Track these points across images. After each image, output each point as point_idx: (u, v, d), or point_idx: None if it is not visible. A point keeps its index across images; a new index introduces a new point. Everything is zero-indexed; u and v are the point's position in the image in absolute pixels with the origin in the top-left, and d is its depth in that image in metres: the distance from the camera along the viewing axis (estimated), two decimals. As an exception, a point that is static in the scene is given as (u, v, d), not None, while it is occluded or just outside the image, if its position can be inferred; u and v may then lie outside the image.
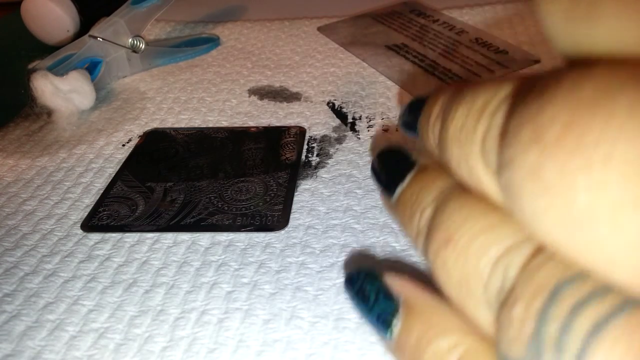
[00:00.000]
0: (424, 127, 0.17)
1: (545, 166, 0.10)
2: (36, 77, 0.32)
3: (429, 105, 0.16)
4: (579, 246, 0.10)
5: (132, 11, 0.38)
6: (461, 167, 0.14)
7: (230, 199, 0.26)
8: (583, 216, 0.09)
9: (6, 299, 0.22)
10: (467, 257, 0.13)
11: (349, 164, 0.28)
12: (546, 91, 0.10)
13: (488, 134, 0.12)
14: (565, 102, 0.10)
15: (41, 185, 0.28)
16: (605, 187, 0.09)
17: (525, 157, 0.10)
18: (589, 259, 0.10)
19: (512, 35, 0.39)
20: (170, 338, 0.19)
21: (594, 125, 0.09)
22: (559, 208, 0.10)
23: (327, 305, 0.20)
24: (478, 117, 0.13)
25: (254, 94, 0.36)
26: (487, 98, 0.13)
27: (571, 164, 0.09)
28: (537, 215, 0.10)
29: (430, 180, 0.16)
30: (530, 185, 0.10)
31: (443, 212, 0.15)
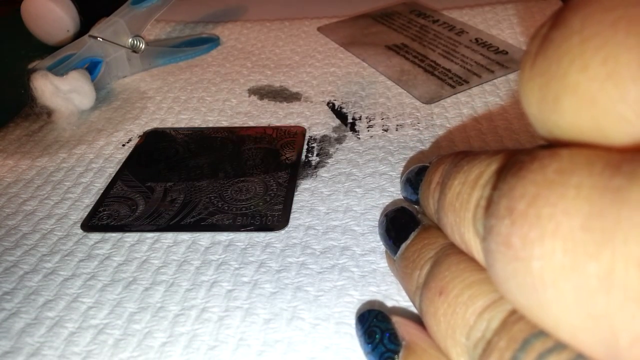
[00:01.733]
0: (424, 193, 0.18)
1: (514, 236, 0.11)
2: (36, 77, 0.33)
3: (430, 174, 0.18)
4: (534, 308, 0.11)
5: (132, 11, 0.38)
6: (454, 232, 0.15)
7: (230, 198, 0.26)
8: (536, 281, 0.10)
9: (6, 297, 0.22)
10: (456, 307, 0.14)
11: (349, 163, 0.28)
12: (521, 169, 0.11)
13: (479, 203, 0.14)
14: (533, 180, 0.11)
15: (41, 185, 0.28)
16: (552, 255, 0.10)
17: (500, 226, 0.11)
18: (541, 320, 0.11)
19: (512, 36, 0.39)
20: (169, 334, 0.19)
21: (550, 201, 0.10)
22: (520, 274, 0.11)
23: (328, 307, 0.20)
24: (472, 187, 0.14)
25: (254, 94, 0.36)
26: (482, 169, 0.14)
27: (531, 234, 0.11)
28: (506, 280, 0.12)
29: (432, 239, 0.18)
30: (503, 252, 0.11)
31: (440, 265, 0.16)
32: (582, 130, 0.11)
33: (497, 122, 0.30)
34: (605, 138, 0.11)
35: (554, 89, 0.11)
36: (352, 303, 0.20)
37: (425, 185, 0.18)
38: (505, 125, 0.30)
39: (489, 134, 0.29)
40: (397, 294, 0.20)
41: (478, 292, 0.14)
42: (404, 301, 0.20)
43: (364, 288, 0.21)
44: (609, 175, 0.10)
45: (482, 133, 0.29)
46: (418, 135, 0.30)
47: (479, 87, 0.34)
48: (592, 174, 0.10)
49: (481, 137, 0.29)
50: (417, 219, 0.19)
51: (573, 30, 0.11)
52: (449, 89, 0.34)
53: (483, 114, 0.31)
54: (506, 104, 0.32)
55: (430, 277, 0.16)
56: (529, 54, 0.12)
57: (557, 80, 0.11)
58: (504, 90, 0.33)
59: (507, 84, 0.34)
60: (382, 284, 0.21)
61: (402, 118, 0.31)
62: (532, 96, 0.12)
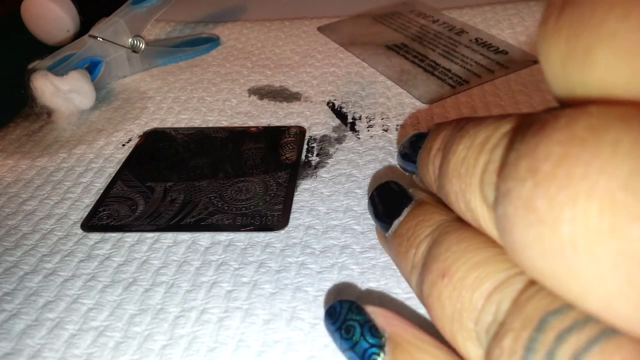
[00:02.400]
0: (424, 160, 0.17)
1: (538, 198, 0.10)
2: (36, 77, 0.32)
3: (430, 139, 0.17)
4: (559, 276, 0.10)
5: (132, 11, 0.38)
6: (459, 199, 0.14)
7: (230, 198, 0.26)
8: (565, 246, 0.10)
9: (6, 298, 0.22)
10: (462, 291, 0.14)
11: (349, 163, 0.28)
12: (544, 127, 0.11)
13: (487, 168, 0.13)
14: (560, 138, 0.10)
15: (41, 185, 0.28)
16: (586, 218, 0.09)
17: (520, 189, 0.11)
18: (567, 289, 0.10)
19: (512, 36, 0.39)
20: (170, 336, 0.19)
21: (582, 160, 0.10)
22: (545, 238, 0.10)
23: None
24: (479, 151, 0.13)
25: (254, 94, 0.36)
26: (489, 133, 0.13)
27: (560, 196, 0.10)
28: (526, 246, 0.11)
29: (427, 215, 0.17)
30: (523, 215, 0.11)
31: (440, 245, 0.15)
32: (616, 85, 0.10)
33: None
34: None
35: (585, 41, 0.10)
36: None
37: (425, 152, 0.17)
38: (505, 126, 0.30)
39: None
40: (397, 287, 0.20)
41: (484, 273, 0.13)
42: (403, 294, 0.20)
43: (364, 285, 0.21)
44: None
45: (482, 133, 0.29)
46: (418, 136, 0.29)
47: (479, 87, 0.34)
48: (631, 129, 0.09)
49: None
50: (409, 193, 0.19)
51: None
52: (449, 89, 0.34)
53: (483, 114, 0.31)
54: (506, 104, 0.32)
55: (430, 258, 0.15)
56: (553, 6, 0.11)
57: (590, 30, 0.10)
58: (504, 90, 0.33)
59: (507, 84, 0.34)
60: (381, 278, 0.21)
61: (402, 118, 0.31)
62: (556, 50, 0.11)
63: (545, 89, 0.32)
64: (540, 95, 0.32)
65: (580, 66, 0.11)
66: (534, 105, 0.31)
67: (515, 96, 0.32)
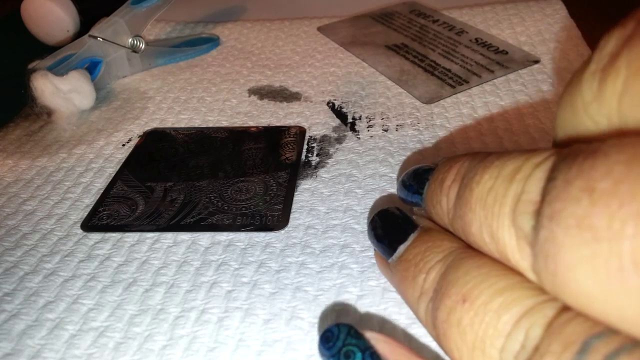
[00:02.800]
0: (434, 191, 0.17)
1: (595, 215, 0.10)
2: (36, 77, 0.32)
3: (443, 171, 0.17)
4: (611, 296, 0.10)
5: (132, 11, 0.38)
6: (482, 229, 0.14)
7: (230, 198, 0.26)
8: (624, 263, 0.10)
9: (6, 298, 0.22)
10: (485, 316, 0.13)
11: (349, 163, 0.28)
12: (596, 152, 0.11)
13: (521, 197, 0.13)
14: (620, 159, 0.10)
15: (41, 185, 0.28)
16: None
17: (574, 208, 0.11)
18: (617, 310, 0.10)
19: (512, 36, 0.39)
20: (170, 337, 0.19)
21: None
22: (602, 256, 0.10)
23: (327, 306, 0.20)
24: (509, 180, 0.13)
25: (254, 94, 0.36)
26: (518, 164, 0.13)
27: (622, 212, 0.10)
28: (575, 267, 0.11)
29: (436, 241, 0.17)
30: (576, 235, 0.11)
31: (457, 270, 0.15)
32: None
33: (497, 123, 0.30)
34: None
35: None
36: (351, 300, 0.20)
37: (436, 183, 0.17)
38: (505, 126, 0.30)
39: (488, 135, 0.29)
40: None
41: (511, 299, 0.13)
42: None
43: (363, 283, 0.21)
44: None
45: (481, 134, 0.29)
46: (418, 136, 0.30)
47: (479, 87, 0.34)
48: None
49: (481, 138, 0.29)
50: (414, 220, 0.18)
51: None
52: (449, 89, 0.34)
53: (483, 114, 0.31)
54: (506, 104, 0.32)
55: (446, 283, 0.15)
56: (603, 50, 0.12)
57: None
58: (504, 90, 0.33)
59: (507, 84, 0.34)
60: (381, 277, 0.21)
61: (402, 118, 0.31)
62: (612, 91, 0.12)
63: (546, 89, 0.32)
64: (540, 95, 0.32)
65: (638, 104, 0.11)
66: (534, 105, 0.31)
67: (515, 96, 0.32)
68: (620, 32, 0.12)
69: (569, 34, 0.38)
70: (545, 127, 0.29)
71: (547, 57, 0.36)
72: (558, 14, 0.41)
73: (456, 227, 0.16)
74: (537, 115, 0.30)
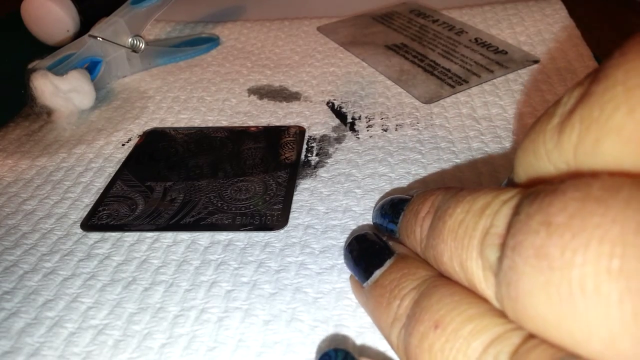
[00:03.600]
0: (409, 221, 0.18)
1: (550, 246, 0.11)
2: (36, 76, 0.33)
3: (417, 203, 0.18)
4: (564, 320, 0.11)
5: (132, 11, 0.38)
6: (453, 259, 0.15)
7: (230, 198, 0.26)
8: (573, 289, 0.11)
9: (5, 297, 0.22)
10: (456, 342, 0.14)
11: (348, 163, 0.28)
12: (556, 191, 0.12)
13: (489, 231, 0.14)
14: (575, 196, 0.11)
15: (41, 184, 0.29)
16: (597, 261, 0.10)
17: (533, 239, 0.12)
18: (571, 333, 0.11)
19: (512, 36, 0.39)
20: (169, 335, 0.19)
21: (597, 213, 0.11)
22: (554, 283, 0.11)
23: (327, 309, 0.20)
24: (479, 215, 0.14)
25: (254, 94, 0.36)
26: (488, 200, 0.14)
27: (573, 243, 0.11)
28: (532, 293, 0.12)
29: (412, 268, 0.17)
30: (533, 264, 0.12)
31: (431, 297, 0.15)
32: (623, 166, 0.12)
33: (497, 122, 0.30)
34: None
35: (594, 133, 0.12)
36: (351, 306, 0.20)
37: (411, 214, 0.18)
38: (505, 126, 0.30)
39: (488, 134, 0.29)
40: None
41: (481, 326, 0.13)
42: None
43: None
44: None
45: (481, 133, 0.29)
46: (417, 135, 0.30)
47: (479, 86, 0.34)
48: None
49: (480, 137, 0.29)
50: (390, 246, 0.19)
51: (617, 82, 0.12)
52: (448, 89, 0.34)
53: (482, 113, 0.31)
54: (505, 104, 0.32)
55: (419, 309, 0.15)
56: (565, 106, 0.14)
57: (600, 124, 0.12)
58: (503, 90, 0.33)
59: (506, 83, 0.34)
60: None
61: (402, 118, 0.31)
62: (568, 140, 0.13)
63: (545, 88, 0.32)
64: (540, 95, 0.32)
65: (590, 154, 0.13)
66: (533, 105, 0.31)
67: (515, 96, 0.32)
68: (578, 90, 0.14)
69: (568, 34, 0.38)
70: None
71: (547, 57, 0.36)
72: (558, 14, 0.41)
73: (428, 256, 0.17)
74: (536, 114, 0.30)
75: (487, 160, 0.27)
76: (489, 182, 0.25)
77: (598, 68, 0.13)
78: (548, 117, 0.14)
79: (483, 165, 0.27)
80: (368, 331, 0.19)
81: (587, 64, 0.34)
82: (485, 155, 0.27)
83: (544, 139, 0.14)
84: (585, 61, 0.35)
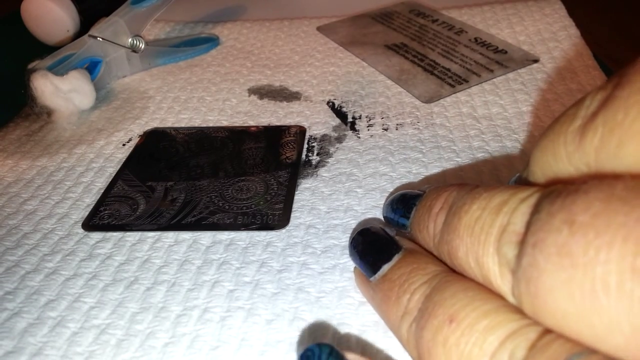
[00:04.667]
0: (422, 216, 0.18)
1: (573, 244, 0.11)
2: (36, 77, 0.33)
3: (431, 199, 0.18)
4: (585, 316, 0.11)
5: (132, 11, 0.38)
6: (468, 255, 0.15)
7: (231, 198, 0.26)
8: (596, 286, 0.11)
9: (7, 297, 0.22)
10: (471, 337, 0.14)
11: (349, 162, 0.28)
12: (577, 191, 0.12)
13: (507, 228, 0.14)
14: (599, 196, 0.12)
15: (42, 185, 0.28)
16: (620, 259, 0.11)
17: (555, 237, 0.12)
18: (590, 329, 0.11)
19: (511, 35, 0.39)
20: (172, 334, 0.19)
21: (621, 212, 0.11)
22: (577, 280, 0.11)
23: (329, 308, 0.20)
24: (496, 212, 0.14)
25: (254, 94, 0.36)
26: (505, 198, 0.15)
27: (597, 241, 0.11)
28: (554, 290, 0.12)
29: (421, 263, 0.17)
30: (555, 261, 0.12)
31: (444, 292, 0.15)
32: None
33: (497, 121, 0.30)
34: None
35: (617, 136, 0.13)
36: (353, 305, 0.20)
37: (424, 209, 0.18)
38: (505, 125, 0.30)
39: (488, 133, 0.29)
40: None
41: (496, 321, 0.13)
42: None
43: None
44: None
45: (481, 132, 0.29)
46: (418, 135, 0.30)
47: (479, 86, 0.34)
48: None
49: (480, 136, 0.29)
50: (397, 240, 0.19)
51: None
52: (448, 88, 0.34)
53: (482, 113, 0.31)
54: (505, 103, 0.32)
55: (432, 304, 0.15)
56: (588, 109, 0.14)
57: (623, 128, 0.12)
58: (504, 89, 0.33)
59: (506, 83, 0.34)
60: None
61: (402, 117, 0.31)
62: (590, 143, 0.13)
63: (545, 87, 0.33)
64: (539, 94, 0.32)
65: (612, 157, 0.13)
66: (533, 104, 0.31)
67: (515, 95, 0.32)
68: (601, 93, 0.14)
69: (568, 34, 0.38)
70: (544, 126, 0.29)
71: (546, 57, 0.36)
72: (557, 14, 0.41)
73: (441, 251, 0.17)
74: (536, 113, 0.30)
75: (488, 159, 0.27)
76: (490, 180, 0.25)
77: (621, 72, 0.13)
78: (569, 119, 0.15)
79: (484, 164, 0.27)
80: (370, 329, 0.19)
81: (587, 63, 0.34)
82: (486, 154, 0.27)
83: (564, 141, 0.15)
84: (584, 60, 0.35)
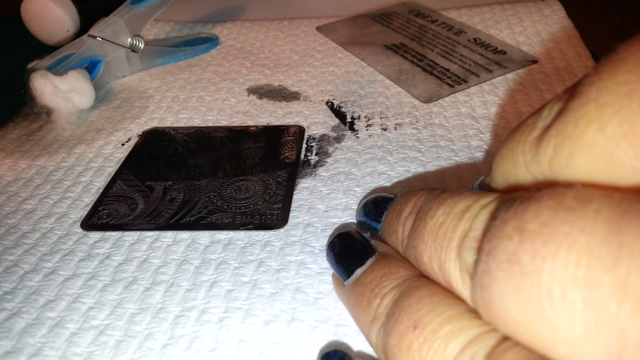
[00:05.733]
0: (392, 220, 0.19)
1: (522, 252, 0.12)
2: (36, 76, 0.33)
3: (401, 203, 0.18)
4: (533, 324, 0.11)
5: (131, 11, 0.38)
6: (432, 260, 0.15)
7: (230, 197, 0.26)
8: (542, 294, 0.11)
9: (6, 297, 0.22)
10: (434, 343, 0.14)
11: (348, 162, 0.28)
12: (531, 198, 0.12)
13: (468, 234, 0.14)
14: (549, 205, 0.12)
15: (41, 184, 0.29)
16: (564, 269, 0.11)
17: (506, 244, 0.12)
18: (539, 336, 0.11)
19: (510, 36, 0.39)
20: (170, 336, 0.19)
21: (567, 222, 0.11)
22: (525, 288, 0.11)
23: (327, 309, 0.20)
24: (459, 218, 0.15)
25: (253, 93, 0.36)
26: (468, 203, 0.15)
27: (543, 250, 0.11)
28: (504, 297, 0.12)
29: (393, 268, 0.17)
30: (506, 269, 0.12)
31: (410, 297, 0.16)
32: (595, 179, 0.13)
33: (496, 121, 0.30)
34: (616, 184, 0.12)
35: (568, 147, 0.13)
36: None
37: (394, 213, 0.19)
38: (504, 125, 0.30)
39: (487, 133, 0.29)
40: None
41: (458, 327, 0.14)
42: None
43: None
44: (628, 202, 0.11)
45: (480, 132, 0.29)
46: (417, 135, 0.30)
47: (478, 86, 0.34)
48: (611, 202, 0.11)
49: (479, 136, 0.29)
50: (372, 244, 0.19)
51: (590, 99, 0.12)
52: (447, 88, 0.34)
53: (481, 113, 0.31)
54: (504, 103, 0.32)
55: (399, 309, 0.16)
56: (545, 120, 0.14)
57: (573, 139, 0.13)
58: (502, 89, 0.33)
59: (505, 83, 0.34)
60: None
61: (401, 117, 0.31)
62: (544, 154, 0.14)
63: (544, 88, 0.33)
64: (538, 94, 0.32)
65: (564, 168, 0.13)
66: (532, 104, 0.31)
67: (514, 95, 0.32)
68: (558, 104, 0.14)
69: (567, 34, 0.38)
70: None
71: (545, 57, 0.36)
72: (556, 15, 0.41)
73: (409, 256, 0.17)
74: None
75: (487, 159, 0.27)
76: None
77: (576, 83, 0.14)
78: (528, 129, 0.15)
79: (482, 164, 0.27)
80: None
81: (586, 64, 0.34)
82: (484, 154, 0.27)
83: (523, 150, 0.15)
84: (583, 61, 0.35)
